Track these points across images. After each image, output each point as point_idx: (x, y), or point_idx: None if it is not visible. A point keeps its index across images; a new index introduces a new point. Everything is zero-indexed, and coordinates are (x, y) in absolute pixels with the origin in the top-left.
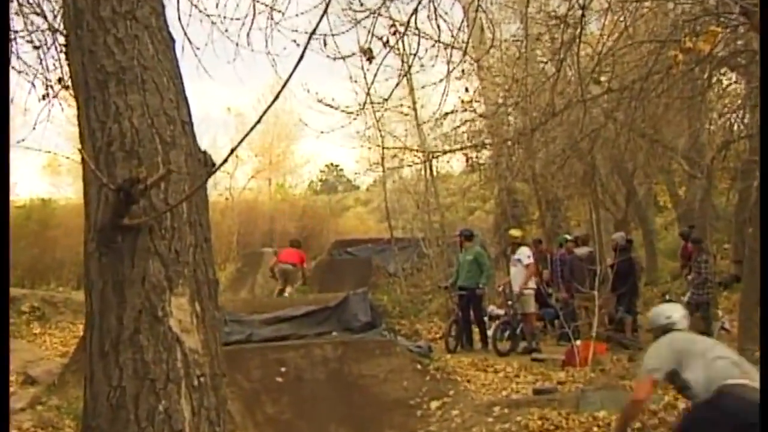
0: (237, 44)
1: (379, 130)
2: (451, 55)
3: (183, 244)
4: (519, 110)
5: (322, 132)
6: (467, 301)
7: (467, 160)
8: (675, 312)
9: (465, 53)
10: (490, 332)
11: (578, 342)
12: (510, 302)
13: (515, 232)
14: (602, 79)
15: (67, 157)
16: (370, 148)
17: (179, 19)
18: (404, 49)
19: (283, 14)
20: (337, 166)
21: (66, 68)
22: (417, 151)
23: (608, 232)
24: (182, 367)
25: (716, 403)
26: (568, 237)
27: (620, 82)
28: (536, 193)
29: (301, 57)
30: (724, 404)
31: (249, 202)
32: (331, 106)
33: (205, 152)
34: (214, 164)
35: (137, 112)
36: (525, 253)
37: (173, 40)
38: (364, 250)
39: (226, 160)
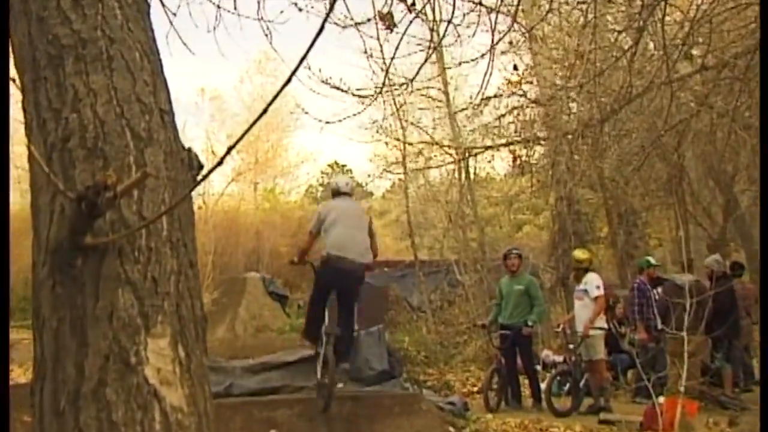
0: (219, 6)
1: (401, 120)
2: (495, 23)
3: (162, 269)
4: (584, 95)
5: (325, 122)
6: (514, 344)
7: (515, 160)
8: None
9: (514, 20)
10: (543, 385)
11: (661, 399)
12: (571, 346)
13: (580, 254)
14: (694, 53)
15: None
16: (387, 143)
17: None
18: (434, 15)
19: None
20: (344, 166)
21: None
22: (449, 147)
23: (700, 254)
24: (161, 430)
25: None
26: (651, 260)
27: (718, 57)
28: (605, 203)
29: (323, 26)
30: None
31: (228, 212)
32: (339, 89)
33: (189, 150)
34: (201, 166)
35: (102, 97)
36: (593, 282)
37: (148, 4)
38: (379, 276)
39: (221, 162)
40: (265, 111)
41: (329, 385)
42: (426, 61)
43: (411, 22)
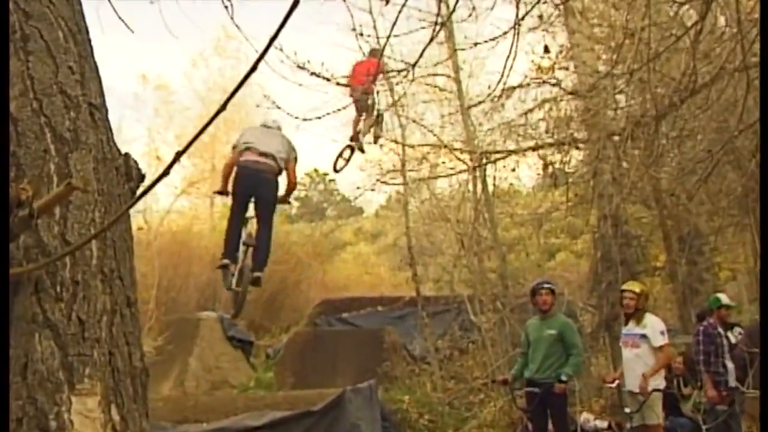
0: None
1: (399, 117)
2: None
3: (91, 309)
4: (635, 84)
5: (302, 119)
6: (544, 405)
7: (545, 168)
8: None
9: None
10: None
11: None
12: (628, 410)
13: (633, 288)
14: None
15: None
16: (382, 145)
17: None
18: None
19: None
20: (326, 175)
21: None
22: (461, 151)
23: None
24: None
25: None
26: (723, 298)
27: None
28: (662, 224)
29: None
30: None
31: (177, 233)
32: (320, 76)
33: (127, 156)
34: (143, 176)
35: (15, 88)
36: (656, 326)
37: None
38: (371, 317)
39: (168, 170)
40: (224, 106)
41: (242, 293)
42: (432, 40)
43: None
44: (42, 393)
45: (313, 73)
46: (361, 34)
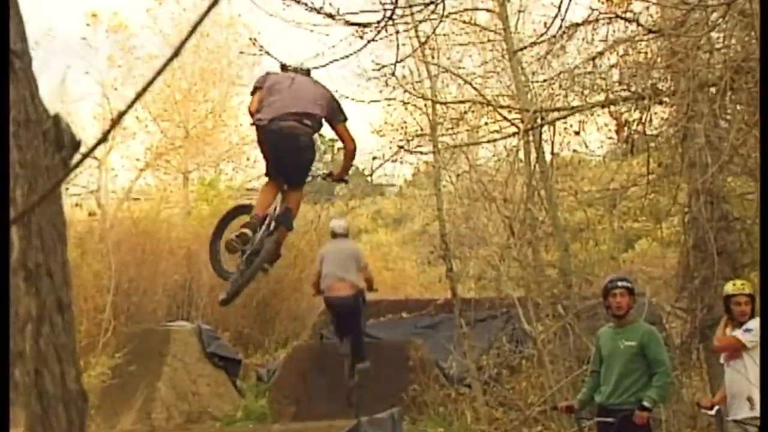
0: None
1: (428, 65)
2: None
3: (12, 315)
4: (735, 19)
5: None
6: None
7: (619, 130)
8: None
9: None
10: None
11: None
12: None
13: (736, 287)
14: None
15: None
16: (406, 102)
17: None
18: None
19: None
20: (333, 141)
21: None
22: (508, 108)
23: None
24: None
25: None
26: None
27: None
28: None
29: None
30: None
31: (140, 221)
32: (322, 12)
33: (57, 117)
34: (78, 144)
35: None
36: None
37: None
38: (394, 327)
39: (106, 136)
40: (179, 49)
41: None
42: None
43: None
44: None
45: (312, 8)
46: None
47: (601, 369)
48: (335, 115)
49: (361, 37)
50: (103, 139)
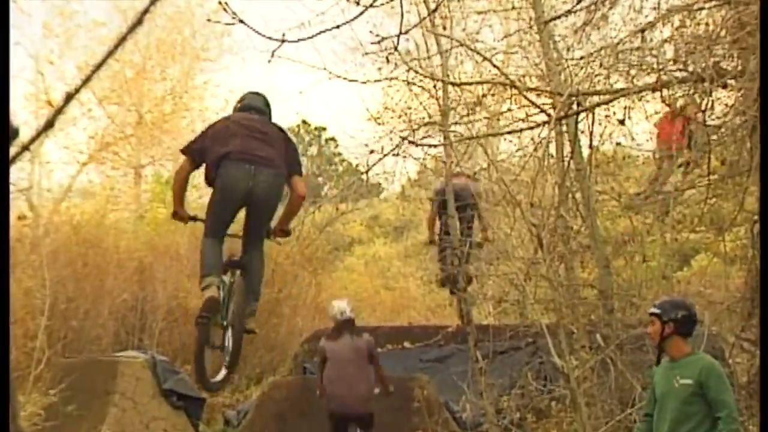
0: None
1: (437, 38)
2: None
3: None
4: None
5: (281, 40)
6: None
7: (674, 118)
8: None
9: None
10: None
11: None
12: None
13: None
14: None
15: None
16: (410, 83)
17: None
18: None
19: None
20: (321, 130)
21: None
22: (537, 92)
23: None
24: None
25: None
26: None
27: None
28: None
29: None
30: None
31: (82, 226)
32: None
33: None
34: (16, 132)
35: None
36: None
37: None
38: (394, 359)
39: (52, 121)
40: (141, 18)
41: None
42: None
43: None
44: None
45: None
46: None
47: (654, 412)
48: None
49: (357, 3)
50: (49, 125)
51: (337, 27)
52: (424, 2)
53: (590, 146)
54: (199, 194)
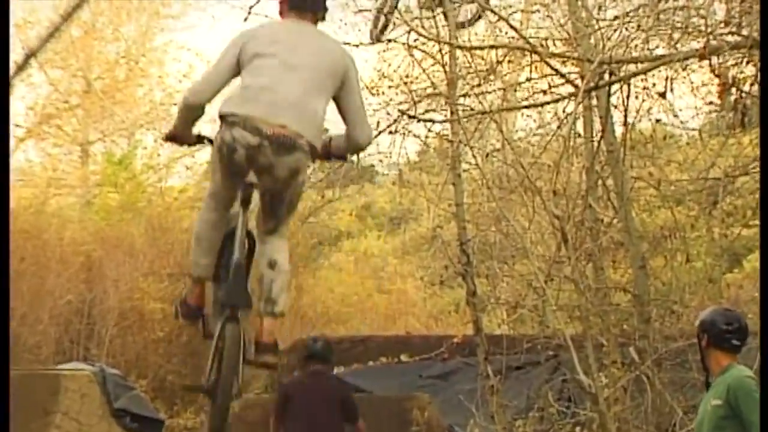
0: None
1: None
2: None
3: None
4: None
5: None
6: None
7: (723, 90)
8: None
9: None
10: None
11: None
12: None
13: None
14: None
15: None
16: (412, 47)
17: None
18: None
19: None
20: None
21: None
22: (562, 59)
23: None
24: None
25: None
26: None
27: None
28: None
29: None
30: None
31: (17, 214)
32: None
33: None
34: None
35: None
36: None
37: None
38: (390, 375)
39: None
40: None
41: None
42: None
43: None
44: None
45: None
46: None
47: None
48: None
49: None
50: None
51: None
52: None
53: (624, 124)
54: None
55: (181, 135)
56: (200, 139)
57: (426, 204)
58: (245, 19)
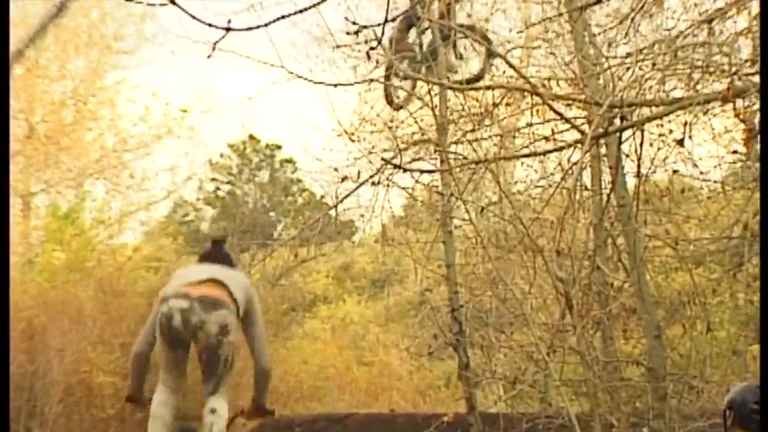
0: None
1: (432, 24)
2: None
3: None
4: None
5: (226, 28)
6: None
7: (749, 137)
8: None
9: None
10: None
11: None
12: None
13: None
14: None
15: None
16: (395, 87)
17: None
18: None
19: None
20: (276, 148)
21: None
22: (567, 101)
23: None
24: None
25: None
26: None
27: None
28: None
29: None
30: None
31: None
32: None
33: None
34: None
35: None
36: None
37: None
38: None
39: None
40: None
41: None
42: None
43: None
44: None
45: None
46: None
47: None
48: None
49: None
50: None
51: (300, 12)
52: None
53: (637, 175)
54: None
55: (138, 393)
56: None
57: (413, 265)
58: (209, 56)
